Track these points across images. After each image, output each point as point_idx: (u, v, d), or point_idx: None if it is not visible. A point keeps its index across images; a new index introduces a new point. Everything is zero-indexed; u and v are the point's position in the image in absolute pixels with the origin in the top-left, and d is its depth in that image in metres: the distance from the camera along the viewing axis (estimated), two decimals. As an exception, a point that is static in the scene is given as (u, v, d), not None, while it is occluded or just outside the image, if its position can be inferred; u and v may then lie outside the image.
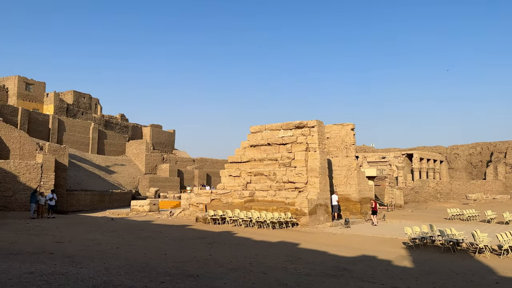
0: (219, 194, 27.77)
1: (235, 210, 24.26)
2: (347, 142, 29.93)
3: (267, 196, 25.95)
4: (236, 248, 15.32)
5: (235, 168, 28.68)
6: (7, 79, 55.99)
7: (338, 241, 18.14)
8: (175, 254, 13.35)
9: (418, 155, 56.94)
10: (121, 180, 50.12)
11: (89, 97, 62.93)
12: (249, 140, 29.06)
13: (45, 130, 49.75)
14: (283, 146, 26.84)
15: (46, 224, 21.57)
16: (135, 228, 21.44)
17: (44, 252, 12.63)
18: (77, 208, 33.55)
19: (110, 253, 13.15)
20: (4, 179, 27.84)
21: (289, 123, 26.93)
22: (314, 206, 23.75)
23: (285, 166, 26.11)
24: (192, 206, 28.82)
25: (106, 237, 17.16)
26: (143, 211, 31.37)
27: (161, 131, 70.77)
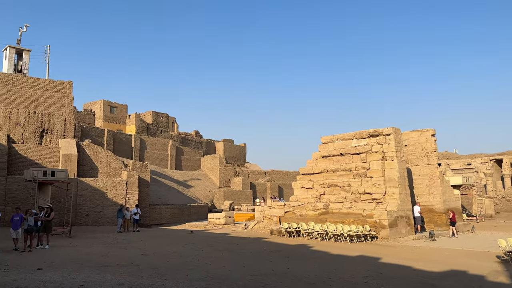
0: (292, 206, 27.59)
1: (310, 223, 23.89)
2: (428, 149, 28.19)
3: (342, 208, 25.24)
4: (313, 261, 15.02)
5: (308, 180, 28.36)
6: (94, 103, 61.51)
7: (422, 255, 17.01)
8: (253, 267, 13.44)
9: (509, 160, 51.87)
10: (197, 193, 52.09)
11: (166, 117, 66.67)
12: (321, 150, 28.63)
13: (128, 149, 53.52)
14: (357, 155, 26.03)
15: (132, 237, 23.00)
16: (213, 240, 22.02)
17: (132, 264, 13.42)
18: (159, 221, 35.40)
19: (191, 265, 13.61)
20: (94, 196, 30.33)
21: (363, 132, 26.08)
22: (394, 218, 22.58)
23: (360, 176, 25.26)
24: (266, 219, 28.95)
25: (187, 250, 17.82)
26: (220, 224, 32.17)
27: (233, 145, 72.57)
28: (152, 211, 35.38)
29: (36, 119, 33.92)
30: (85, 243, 19.55)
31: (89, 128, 49.55)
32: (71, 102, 36.23)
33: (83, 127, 48.30)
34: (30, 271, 11.67)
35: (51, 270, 12.00)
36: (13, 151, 31.61)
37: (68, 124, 35.29)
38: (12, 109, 33.08)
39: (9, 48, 41.98)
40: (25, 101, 33.97)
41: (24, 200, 27.24)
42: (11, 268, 12.16)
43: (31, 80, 35.00)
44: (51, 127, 34.47)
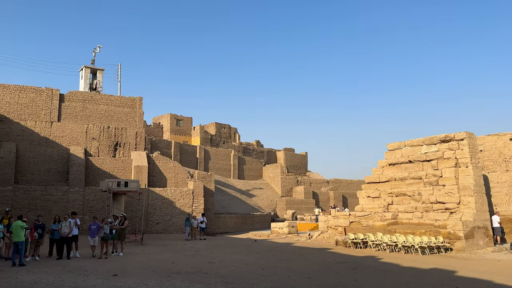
0: (358, 216, 26.75)
1: (377, 234, 22.98)
2: (506, 155, 26.00)
3: (412, 218, 24.00)
4: (383, 274, 14.39)
5: (374, 189, 27.38)
6: (161, 117, 64.82)
7: (503, 269, 15.61)
8: (319, 278, 13.18)
9: None
10: (260, 203, 52.46)
11: (228, 127, 68.31)
12: (387, 158, 27.55)
13: (193, 159, 55.46)
14: (427, 163, 24.68)
15: (198, 245, 23.67)
16: (277, 250, 21.98)
17: (200, 272, 13.78)
18: (223, 230, 36.11)
19: (256, 274, 13.67)
20: (163, 205, 31.72)
21: (433, 137, 24.72)
22: (471, 229, 21.01)
23: (431, 184, 23.90)
24: (330, 229, 28.35)
25: (252, 258, 17.95)
26: (283, 233, 32.06)
27: (294, 154, 72.30)
28: (217, 220, 36.19)
29: (110, 134, 36.37)
30: (156, 251, 20.45)
31: (158, 140, 52.16)
32: (141, 116, 38.44)
33: (152, 140, 51.00)
34: (106, 277, 12.42)
35: (125, 276, 12.68)
36: (89, 163, 34.13)
37: (139, 138, 37.42)
38: (88, 125, 35.80)
39: (85, 68, 45.68)
40: (100, 117, 36.62)
41: (100, 209, 29.20)
42: (89, 273, 13.04)
43: (105, 97, 37.70)
44: (124, 141, 36.76)
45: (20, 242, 14.67)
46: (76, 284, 10.97)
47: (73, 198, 29.65)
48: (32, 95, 34.58)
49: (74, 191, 29.96)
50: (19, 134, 33.17)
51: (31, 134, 33.61)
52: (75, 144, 34.84)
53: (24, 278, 11.78)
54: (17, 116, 33.65)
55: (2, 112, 33.10)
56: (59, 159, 33.79)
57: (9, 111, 33.45)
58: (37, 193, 28.96)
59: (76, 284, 10.97)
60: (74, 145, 34.70)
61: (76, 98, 36.31)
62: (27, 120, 33.87)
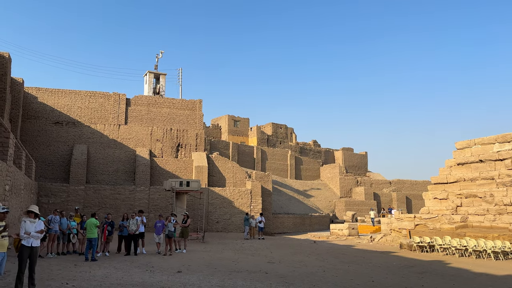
0: (424, 219, 25.46)
1: (445, 237, 21.70)
2: None
3: (483, 221, 22.40)
4: (452, 280, 13.55)
5: (441, 190, 25.93)
6: (219, 118, 66.31)
7: None
8: (383, 282, 12.71)
9: None
10: (317, 203, 51.81)
11: (285, 127, 68.26)
12: (455, 157, 25.98)
13: (250, 160, 56.11)
14: (500, 162, 22.92)
15: (257, 244, 23.86)
16: (337, 252, 21.54)
17: (260, 271, 13.87)
18: (281, 230, 36.14)
19: (317, 275, 13.48)
20: (223, 204, 32.40)
21: (506, 135, 22.92)
22: (552, 234, 19.18)
23: (505, 185, 22.15)
24: (393, 232, 27.26)
25: (312, 260, 17.74)
26: (343, 235, 31.38)
27: (353, 154, 70.57)
28: (275, 220, 36.29)
29: (173, 135, 37.87)
30: (217, 249, 20.93)
31: (216, 141, 53.44)
32: (201, 118, 39.62)
33: (211, 141, 52.36)
34: (171, 273, 12.91)
35: (189, 273, 13.09)
36: (154, 164, 35.77)
37: (199, 139, 38.60)
38: (152, 127, 37.54)
39: (148, 73, 47.97)
40: (163, 119, 38.26)
41: (164, 207, 30.50)
42: (156, 270, 13.63)
43: (168, 101, 39.33)
44: (185, 142, 38.10)
45: (93, 239, 15.72)
46: (143, 279, 11.52)
47: (139, 197, 31.24)
48: (101, 100, 36.95)
49: (140, 190, 31.55)
50: (90, 137, 35.60)
51: (101, 136, 35.93)
52: (140, 145, 36.70)
53: (96, 272, 12.58)
54: (87, 120, 36.13)
55: (74, 116, 35.73)
56: (126, 160, 35.77)
57: (81, 115, 36.01)
58: (106, 192, 30.89)
59: (143, 279, 11.52)
60: (139, 146, 36.56)
61: (141, 102, 38.24)
62: (96, 123, 36.25)
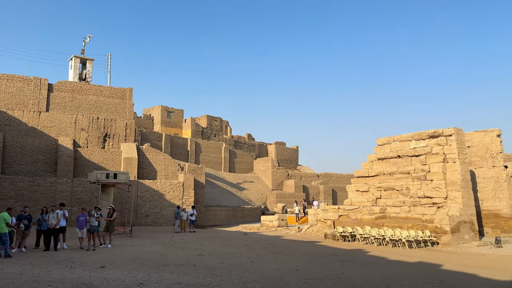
0: (347, 210, 26.96)
1: (366, 227, 23.20)
2: (493, 151, 26.34)
3: (400, 212, 24.25)
4: (370, 267, 14.54)
5: (363, 183, 27.59)
6: (152, 109, 64.36)
7: (488, 263, 15.89)
8: (307, 271, 13.27)
9: None
10: (250, 196, 52.56)
11: (220, 120, 68.11)
12: (376, 153, 27.74)
13: (184, 152, 55.26)
14: (415, 158, 24.91)
15: (188, 238, 23.66)
16: (266, 242, 22.07)
17: (188, 264, 13.78)
18: (213, 222, 36.15)
19: (245, 266, 13.72)
20: (153, 197, 31.59)
21: (422, 133, 24.93)
22: (457, 223, 21.31)
23: (419, 179, 24.14)
24: (319, 222, 28.54)
25: (241, 251, 18.00)
26: (273, 226, 32.19)
27: (285, 148, 72.43)
28: (207, 213, 36.19)
29: (99, 125, 36.03)
30: (145, 243, 20.39)
31: (148, 132, 51.82)
32: (131, 108, 38.10)
33: (143, 132, 50.65)
34: (93, 268, 12.35)
35: (113, 268, 12.62)
36: (78, 155, 33.80)
37: (128, 129, 37.13)
38: (77, 115, 35.40)
39: (74, 57, 45.02)
40: (89, 107, 36.23)
41: (88, 201, 28.98)
42: (76, 265, 12.95)
43: (95, 88, 37.28)
44: (113, 132, 36.44)
45: (3, 234, 14.50)
46: (62, 275, 10.90)
47: (61, 189, 29.36)
48: (19, 84, 34.04)
49: (62, 182, 29.66)
50: (6, 124, 32.69)
51: (19, 124, 33.15)
52: (63, 134, 34.46)
53: (9, 269, 11.66)
54: (4, 105, 33.12)
55: (-11, 102, 32.56)
56: (47, 149, 33.39)
57: (-4, 100, 32.91)
58: (24, 184, 28.62)
59: (62, 275, 10.90)
60: (62, 135, 34.31)
61: (65, 88, 35.84)
62: (14, 109, 33.37)
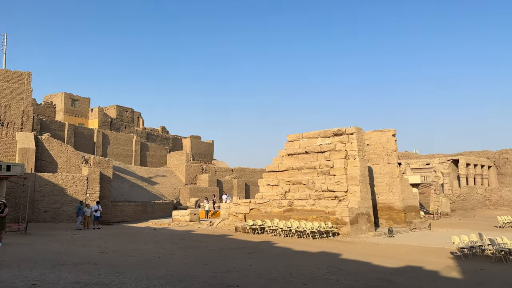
0: (258, 203, 27.72)
1: (274, 220, 24.08)
2: (389, 149, 29.06)
3: (306, 205, 25.60)
4: (276, 258, 15.15)
5: (273, 177, 28.57)
6: (54, 96, 59.19)
7: (381, 251, 17.53)
8: (215, 264, 13.38)
9: (465, 160, 54.32)
10: (162, 190, 51.30)
11: (131, 111, 65.17)
12: (286, 148, 28.90)
13: (90, 144, 51.91)
14: (321, 154, 26.46)
15: (91, 235, 22.37)
16: (176, 238, 21.77)
17: (89, 263, 13.03)
18: (121, 218, 34.58)
19: (152, 263, 13.38)
20: (53, 192, 29.22)
21: (327, 131, 26.54)
22: (355, 215, 23.14)
23: (324, 174, 25.70)
24: (231, 216, 28.93)
25: (149, 247, 17.51)
26: (184, 221, 31.83)
27: (200, 142, 71.93)
28: (114, 208, 34.51)
29: (-9, 111, 32.24)
30: (42, 241, 18.81)
31: (49, 121, 47.65)
32: (29, 94, 34.68)
33: (43, 120, 46.40)
34: (-22, 270, 11.09)
35: (3, 268, 11.45)
36: (-36, 144, 29.92)
37: (26, 117, 33.79)
38: (-36, 100, 31.28)
39: (-38, 35, 39.71)
40: (-21, 91, 32.22)
41: (-24, 196, 25.81)
42: (-43, 267, 11.51)
43: (-14, 70, 33.21)
44: (8, 120, 32.89)
45: None
46: None
47: None
48: None
49: None
50: None
51: None
52: None
53: None
54: None
55: None
56: None
57: None
58: None
59: None
60: None
61: None
62: None
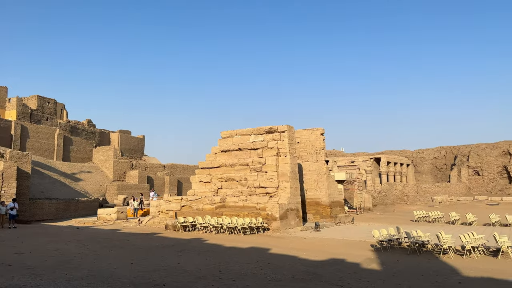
0: (190, 200, 27.39)
1: (206, 217, 23.97)
2: (317, 147, 30.25)
3: (238, 201, 25.80)
4: (206, 255, 15.10)
5: (206, 174, 28.40)
6: (-35, 83, 53.50)
7: (308, 245, 18.21)
8: (142, 263, 13.00)
9: (386, 159, 58.25)
10: (88, 187, 48.66)
11: (54, 102, 60.90)
12: (220, 145, 28.89)
13: (7, 136, 47.69)
14: (254, 151, 26.81)
15: (6, 234, 20.64)
16: (101, 237, 20.80)
17: (2, 264, 12.02)
18: (41, 217, 32.24)
19: (73, 263, 12.66)
20: (-39, 188, 26.46)
21: (260, 128, 26.96)
22: (285, 210, 23.80)
23: (256, 171, 26.08)
24: (161, 214, 28.28)
25: (70, 247, 16.54)
26: (111, 220, 30.52)
27: (130, 137, 69.29)
28: (33, 206, 32.07)
29: None
30: None
31: (-43, 111, 42.97)
32: None
33: (-51, 110, 41.73)
34: None
35: None
36: None
37: None
38: None
39: None
40: None
41: None
42: None
43: None
44: None
45: None
46: None
47: None
48: None
49: None
50: None
51: None
52: None
53: None
54: None
55: None
56: None
57: None
58: None
59: None
60: None
61: None
62: None
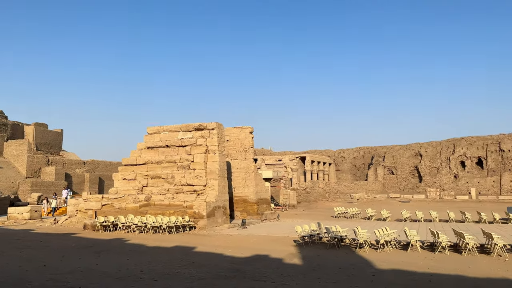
0: (112, 199, 26.15)
1: (129, 216, 23.07)
2: (246, 145, 30.58)
3: (164, 200, 25.18)
4: (127, 255, 14.54)
5: (130, 171, 27.33)
6: None
7: (234, 242, 18.36)
8: (56, 265, 12.16)
9: (310, 158, 60.70)
10: (-4, 184, 44.34)
11: (-44, 90, 54.59)
12: (146, 141, 27.96)
13: None
14: (182, 148, 26.35)
15: None
16: (11, 237, 19.13)
17: None
18: None
19: (-25, 268, 11.47)
20: None
21: (189, 125, 26.56)
22: (212, 208, 23.74)
23: (184, 168, 25.66)
24: (80, 213, 26.68)
25: (-28, 251, 14.97)
26: (23, 219, 28.14)
27: (47, 131, 64.33)
28: None
29: None
30: None
31: None
32: None
33: None
34: None
35: None
36: None
37: None
38: None
39: None
40: None
41: None
42: None
43: None
44: None
45: None
46: None
47: None
48: None
49: None
50: None
51: None
52: None
53: None
54: None
55: None
56: None
57: None
58: None
59: None
60: None
61: None
62: None
